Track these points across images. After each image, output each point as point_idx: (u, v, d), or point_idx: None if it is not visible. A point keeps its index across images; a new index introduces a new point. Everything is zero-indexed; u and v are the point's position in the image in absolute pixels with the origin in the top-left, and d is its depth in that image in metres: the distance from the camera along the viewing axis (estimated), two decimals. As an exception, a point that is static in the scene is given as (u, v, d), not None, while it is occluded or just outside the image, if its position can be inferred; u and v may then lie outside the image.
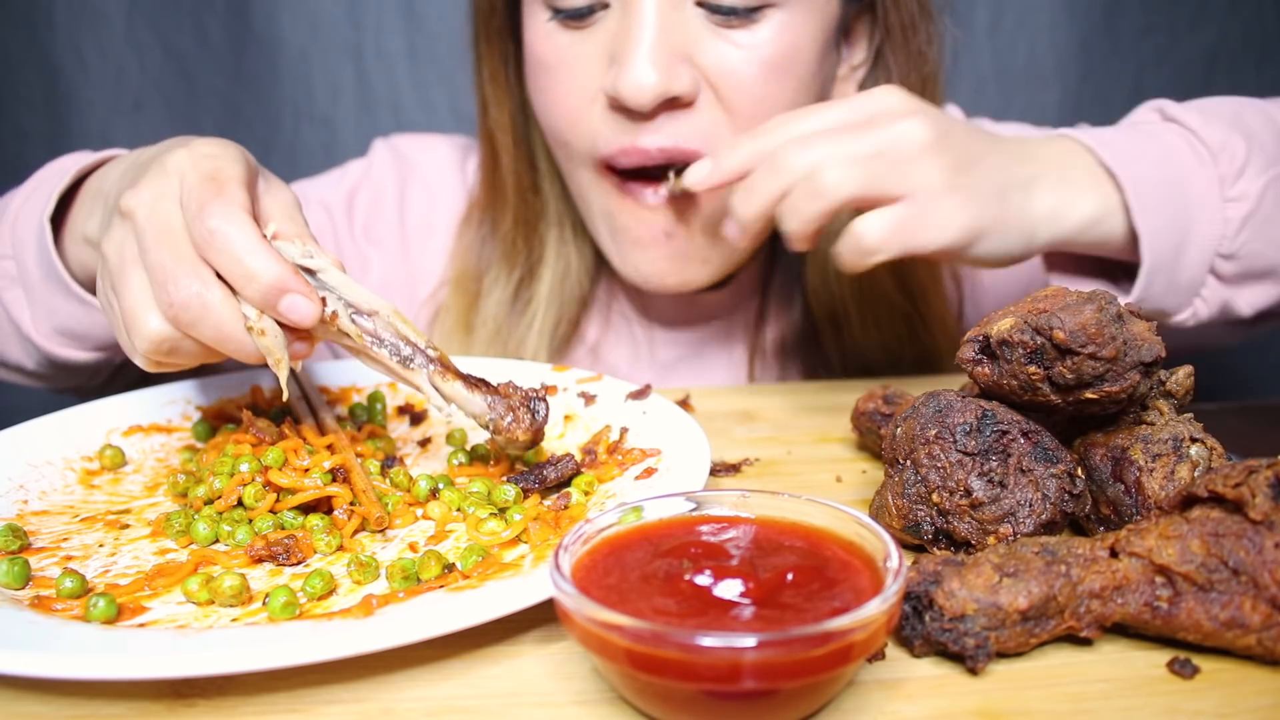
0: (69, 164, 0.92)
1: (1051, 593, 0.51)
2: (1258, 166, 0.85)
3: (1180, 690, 0.50)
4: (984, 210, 0.79)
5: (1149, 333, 0.60)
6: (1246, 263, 0.86)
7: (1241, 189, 0.85)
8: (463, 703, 0.51)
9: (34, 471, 0.75)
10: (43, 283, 0.88)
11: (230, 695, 0.51)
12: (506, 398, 0.69)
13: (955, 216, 0.78)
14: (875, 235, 0.78)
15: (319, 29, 1.67)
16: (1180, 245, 0.85)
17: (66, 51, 1.67)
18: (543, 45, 0.97)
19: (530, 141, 1.11)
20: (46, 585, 0.59)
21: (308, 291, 0.66)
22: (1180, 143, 0.87)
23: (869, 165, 0.77)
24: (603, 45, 0.93)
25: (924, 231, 0.78)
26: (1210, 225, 0.85)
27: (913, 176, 0.77)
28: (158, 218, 0.66)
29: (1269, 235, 0.86)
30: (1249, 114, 0.89)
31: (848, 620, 0.44)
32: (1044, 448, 0.61)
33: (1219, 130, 0.86)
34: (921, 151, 0.78)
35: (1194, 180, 0.85)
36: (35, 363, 0.96)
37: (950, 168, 0.78)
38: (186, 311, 0.64)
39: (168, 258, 0.64)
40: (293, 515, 0.67)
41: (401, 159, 1.23)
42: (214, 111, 1.70)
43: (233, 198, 0.65)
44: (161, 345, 0.66)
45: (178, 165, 0.67)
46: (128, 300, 0.66)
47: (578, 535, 0.52)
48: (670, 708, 0.47)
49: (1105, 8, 1.68)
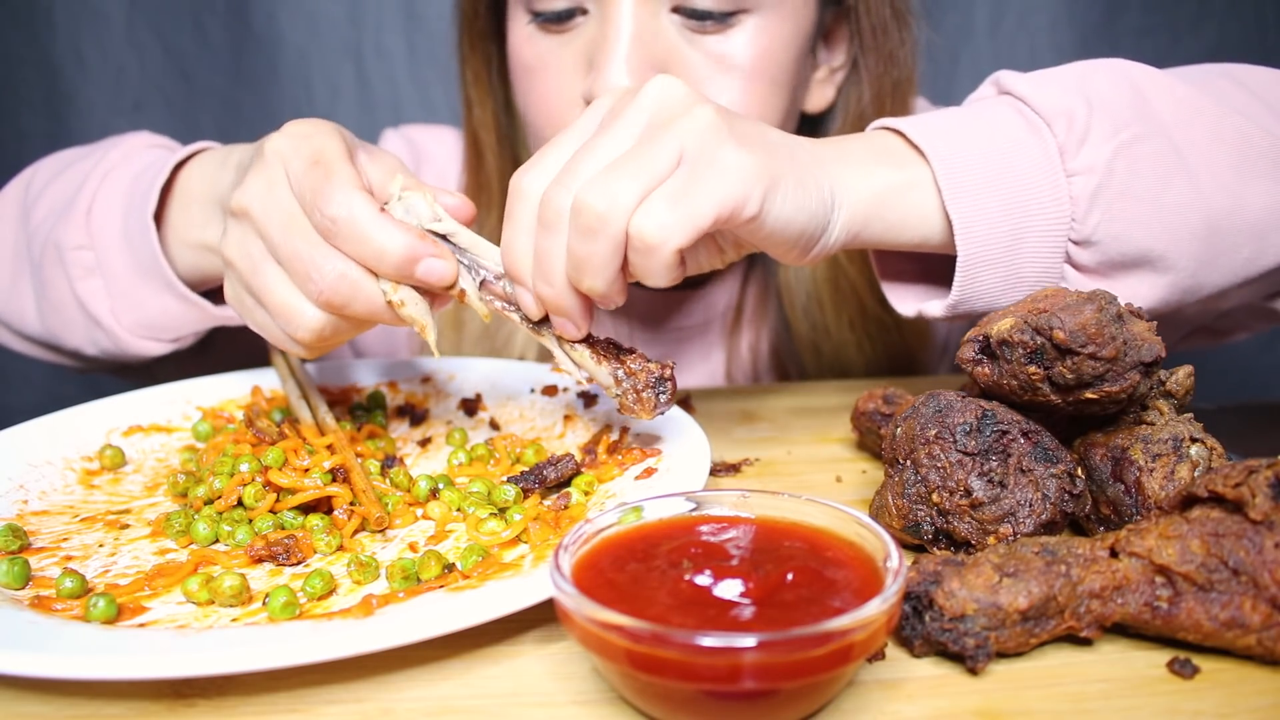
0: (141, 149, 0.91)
1: (1051, 593, 0.51)
2: (1103, 132, 0.70)
3: (1180, 690, 0.50)
4: (771, 155, 0.64)
5: (1149, 333, 0.60)
6: (1108, 249, 0.71)
7: (1086, 159, 0.69)
8: (463, 703, 0.51)
9: (34, 471, 0.75)
10: (133, 277, 0.88)
11: (230, 695, 0.51)
12: (632, 376, 0.68)
13: (739, 157, 0.62)
14: (653, 227, 0.60)
15: (319, 29, 1.67)
16: (1016, 232, 0.71)
17: (66, 51, 1.68)
18: (524, 49, 0.99)
19: (514, 141, 1.14)
20: (46, 585, 0.59)
21: (441, 252, 0.67)
22: (1012, 114, 0.72)
23: (634, 157, 0.62)
24: (581, 51, 0.94)
25: (706, 190, 0.61)
26: (1053, 205, 0.70)
27: (683, 130, 0.62)
28: (275, 209, 0.66)
29: (1131, 214, 0.70)
30: (1099, 75, 0.74)
31: (848, 620, 0.44)
32: (1044, 448, 0.61)
33: (1054, 95, 0.72)
34: (682, 99, 0.64)
35: (1027, 153, 0.71)
36: (99, 350, 0.94)
37: (721, 111, 0.64)
38: (337, 295, 0.65)
39: (301, 246, 0.65)
40: (293, 515, 0.67)
41: (413, 148, 1.26)
42: (214, 111, 1.70)
43: (343, 177, 0.66)
44: (323, 332, 0.68)
45: (278, 151, 0.68)
46: (276, 298, 0.68)
47: (578, 535, 0.52)
48: (670, 708, 0.47)
49: (1105, 8, 1.68)
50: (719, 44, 0.93)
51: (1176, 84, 0.74)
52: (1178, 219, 0.71)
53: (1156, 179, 0.70)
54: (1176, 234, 0.71)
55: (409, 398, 0.93)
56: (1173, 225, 0.71)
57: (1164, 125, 0.72)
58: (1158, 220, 0.71)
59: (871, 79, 1.04)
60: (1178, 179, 0.71)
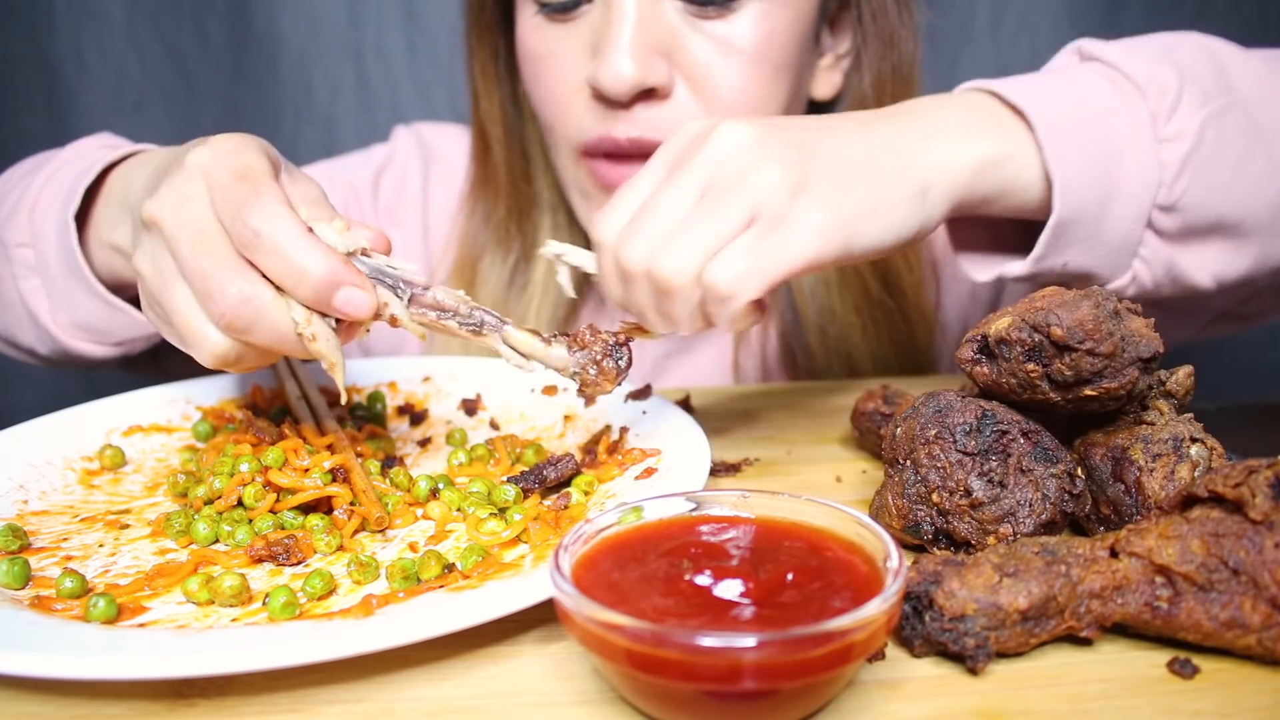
0: (91, 148, 0.91)
1: (1051, 593, 0.51)
2: (1194, 101, 0.72)
3: (1180, 690, 0.50)
4: (846, 191, 0.65)
5: (1147, 329, 0.60)
6: (1189, 215, 0.73)
7: (1177, 127, 0.72)
8: (463, 703, 0.50)
9: (34, 471, 0.75)
10: (64, 278, 0.87)
11: (230, 695, 0.51)
12: (586, 347, 0.68)
13: (812, 216, 0.63)
14: (725, 280, 0.62)
15: (319, 29, 1.67)
16: (1106, 196, 0.72)
17: (66, 51, 1.67)
18: (532, 38, 1.01)
19: (522, 132, 1.15)
20: (46, 585, 0.59)
21: (361, 282, 0.63)
22: (1101, 81, 0.75)
23: (700, 216, 0.64)
24: (586, 38, 0.96)
25: (781, 249, 0.63)
26: (1144, 170, 0.72)
27: (751, 190, 0.63)
28: (188, 223, 0.63)
29: (1213, 181, 0.72)
30: (1183, 46, 0.77)
31: (848, 620, 0.44)
32: (1044, 448, 0.61)
33: (1145, 64, 0.74)
34: (747, 156, 0.65)
35: (1119, 119, 0.72)
36: (49, 350, 0.95)
37: (788, 158, 0.65)
38: (239, 318, 0.61)
39: (208, 264, 0.61)
40: (293, 515, 0.67)
41: (425, 145, 1.27)
42: (214, 111, 1.70)
43: (270, 193, 0.62)
44: (226, 357, 0.65)
45: (200, 165, 0.64)
46: (179, 319, 0.64)
47: (578, 535, 0.52)
48: (670, 708, 0.47)
49: (1106, 8, 1.67)
50: (721, 28, 0.94)
51: (1251, 59, 0.78)
52: (1256, 189, 0.75)
53: (1239, 150, 0.74)
54: (1254, 203, 0.75)
55: (409, 398, 0.93)
56: (1251, 195, 0.75)
57: (1244, 98, 0.75)
58: (1239, 189, 0.74)
59: (873, 62, 1.05)
60: (1258, 150, 0.75)
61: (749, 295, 0.63)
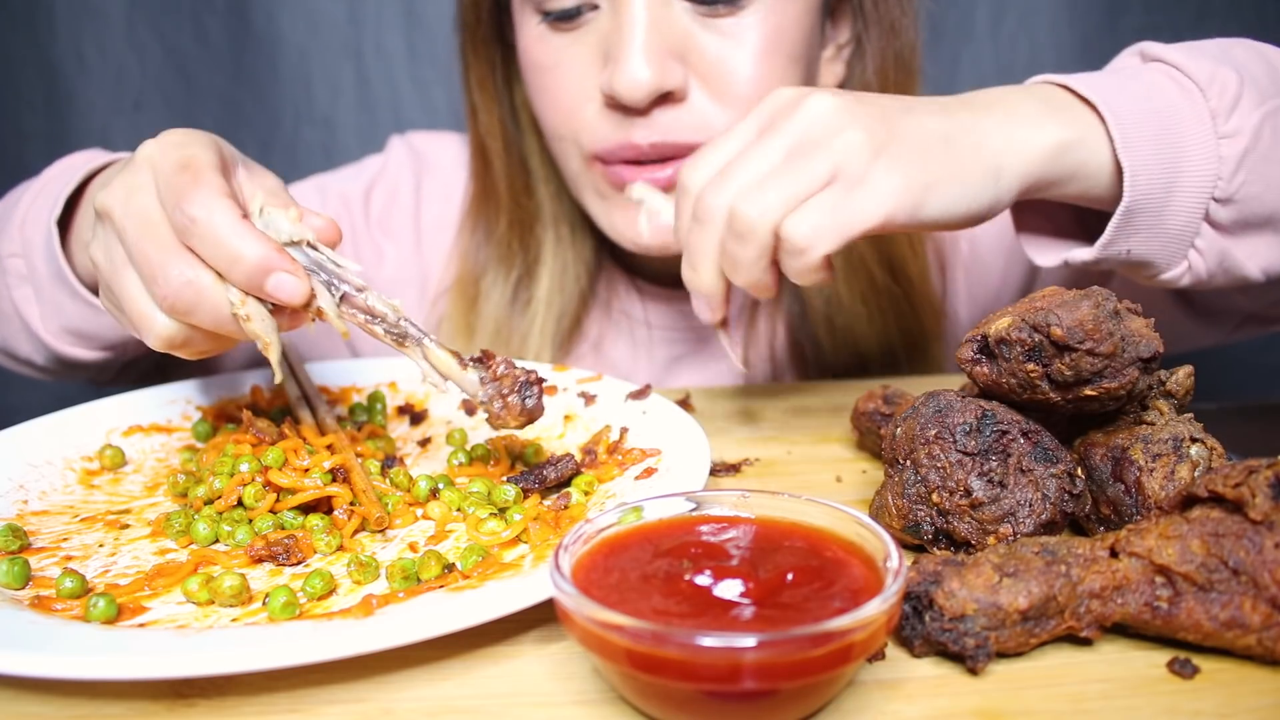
0: (79, 163, 0.93)
1: (1051, 593, 0.51)
2: (1252, 100, 0.77)
3: (1180, 690, 0.50)
4: (923, 161, 0.70)
5: (1147, 329, 0.60)
6: (1244, 208, 0.77)
7: (1236, 124, 0.76)
8: (463, 703, 0.51)
9: (34, 471, 0.75)
10: (50, 283, 0.89)
11: (230, 695, 0.51)
12: (497, 380, 0.68)
13: (889, 178, 0.68)
14: (804, 232, 0.67)
15: (319, 29, 1.67)
16: (1170, 186, 0.76)
17: (66, 51, 1.67)
18: (536, 49, 1.00)
19: (522, 145, 1.13)
20: (46, 585, 0.59)
21: (294, 269, 0.65)
22: (1164, 80, 0.79)
23: (785, 171, 0.69)
24: (595, 45, 0.95)
25: (857, 207, 0.68)
26: (1204, 164, 0.76)
27: (835, 151, 0.68)
28: (134, 213, 0.65)
29: (1268, 176, 0.77)
30: (1238, 50, 0.82)
31: (848, 620, 0.44)
32: (1044, 448, 0.61)
33: (1206, 64, 0.78)
34: (834, 121, 0.69)
35: (1182, 115, 0.77)
36: (45, 359, 0.97)
37: (872, 127, 0.69)
38: (181, 300, 0.64)
39: (151, 250, 0.64)
40: (293, 515, 0.67)
41: (418, 156, 1.26)
42: (214, 111, 1.70)
43: (209, 183, 0.65)
44: (173, 340, 0.67)
45: (148, 156, 0.67)
46: (129, 304, 0.67)
47: (578, 535, 0.52)
48: (670, 708, 0.47)
49: (1107, 7, 1.67)
50: (732, 25, 0.94)
51: None
52: None
53: None
54: None
55: (409, 398, 0.93)
56: None
57: None
58: None
59: (876, 50, 1.05)
60: None
61: (823, 249, 0.68)
